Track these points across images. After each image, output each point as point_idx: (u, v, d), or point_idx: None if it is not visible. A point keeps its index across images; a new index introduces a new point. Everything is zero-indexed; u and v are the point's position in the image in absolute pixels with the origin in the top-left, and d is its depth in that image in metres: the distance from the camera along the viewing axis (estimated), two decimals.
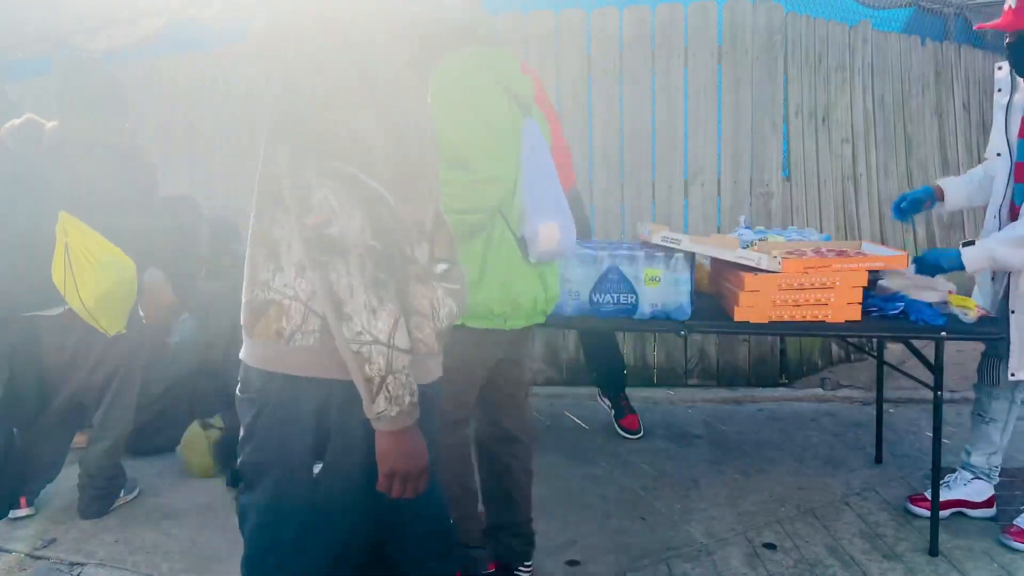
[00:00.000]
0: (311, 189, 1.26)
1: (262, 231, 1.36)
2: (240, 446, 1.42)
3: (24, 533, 2.81)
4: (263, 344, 1.36)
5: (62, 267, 2.62)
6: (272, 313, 1.34)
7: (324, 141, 1.26)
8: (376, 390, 1.26)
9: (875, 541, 2.64)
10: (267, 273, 1.35)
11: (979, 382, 2.75)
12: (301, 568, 1.40)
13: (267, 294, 1.35)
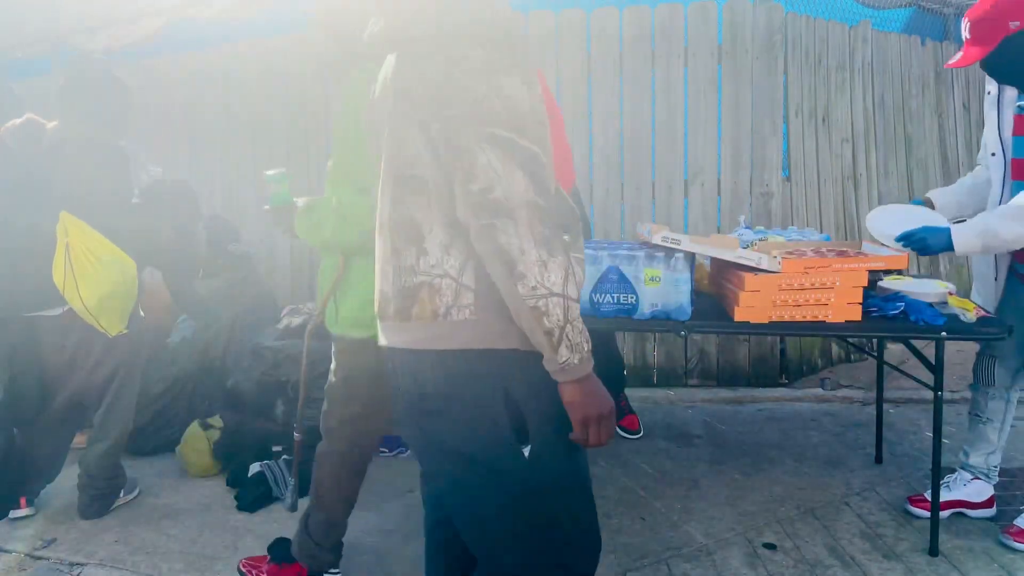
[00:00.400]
0: (474, 156, 1.30)
1: (401, 218, 1.41)
2: (425, 433, 1.47)
3: (24, 533, 2.81)
4: (423, 326, 1.41)
5: (63, 267, 2.62)
6: (425, 295, 1.40)
7: (482, 109, 1.30)
8: (557, 341, 1.30)
9: (875, 541, 2.64)
10: (411, 258, 1.41)
11: (975, 382, 2.74)
12: (579, 549, 1.45)
13: (415, 278, 1.40)
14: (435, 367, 1.41)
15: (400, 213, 1.42)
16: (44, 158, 2.71)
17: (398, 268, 1.43)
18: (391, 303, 1.45)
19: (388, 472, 3.27)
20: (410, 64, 1.38)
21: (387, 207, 1.44)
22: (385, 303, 1.47)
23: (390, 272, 1.45)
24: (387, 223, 1.45)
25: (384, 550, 2.66)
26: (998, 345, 2.59)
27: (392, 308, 1.45)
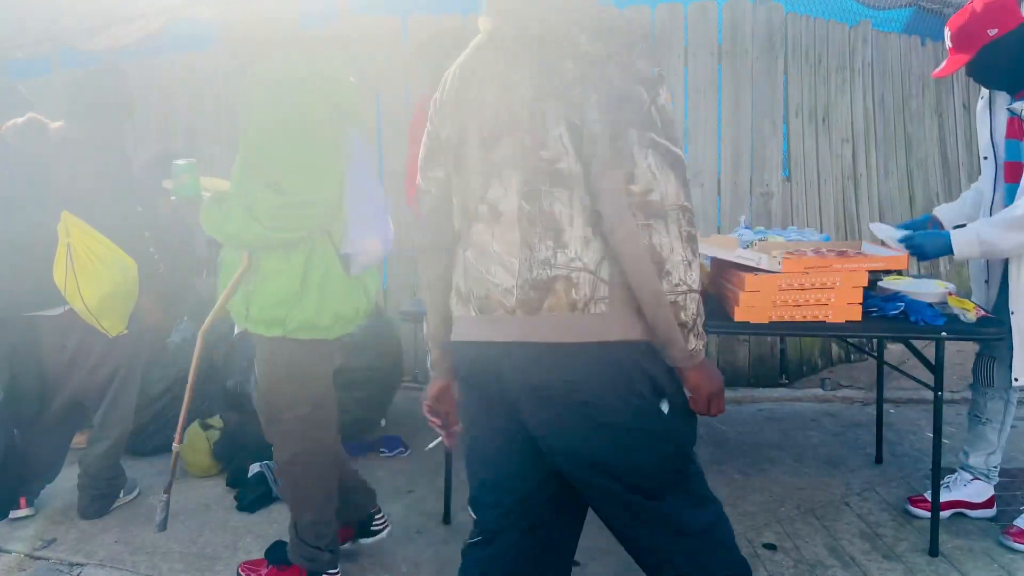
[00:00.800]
0: (636, 160, 1.38)
1: (537, 211, 1.45)
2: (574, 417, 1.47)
3: (24, 533, 2.81)
4: (558, 319, 1.45)
5: (64, 267, 2.62)
6: (561, 287, 1.44)
7: (645, 116, 1.40)
8: (689, 332, 1.44)
9: (875, 541, 2.64)
10: (547, 252, 1.45)
11: (974, 383, 2.75)
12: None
13: (550, 271, 1.45)
14: (577, 358, 1.45)
15: (537, 206, 1.46)
16: (46, 157, 2.71)
17: (529, 261, 1.46)
18: (511, 296, 1.47)
19: (388, 472, 3.27)
20: (549, 66, 1.44)
21: (515, 200, 1.47)
22: (501, 296, 1.49)
23: (515, 265, 1.47)
24: (515, 216, 1.47)
25: (384, 550, 2.66)
26: (997, 346, 2.59)
27: (513, 301, 1.47)
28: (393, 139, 4.39)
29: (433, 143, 1.66)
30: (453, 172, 1.60)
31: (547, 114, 1.44)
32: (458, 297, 1.59)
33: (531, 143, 1.45)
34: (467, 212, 1.56)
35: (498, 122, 1.50)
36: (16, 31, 5.66)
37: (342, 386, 3.46)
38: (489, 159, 1.51)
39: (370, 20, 4.44)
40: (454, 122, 1.58)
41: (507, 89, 1.49)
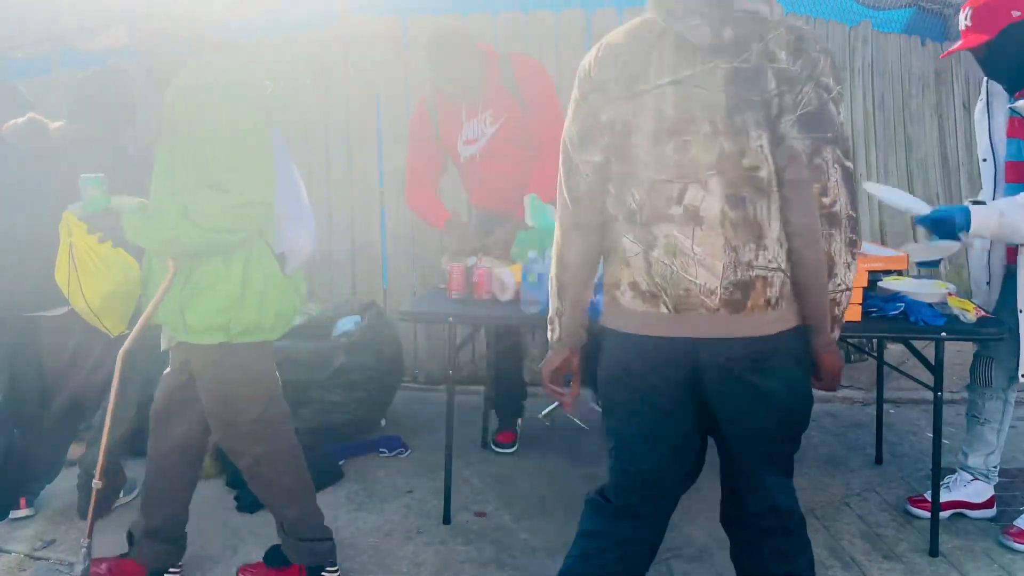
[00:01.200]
0: (829, 175, 1.55)
1: (741, 216, 1.56)
2: (760, 403, 1.65)
3: (24, 534, 2.80)
4: (759, 315, 1.60)
5: (66, 267, 2.61)
6: (759, 287, 1.58)
7: (838, 134, 1.57)
8: (834, 323, 1.64)
9: (875, 542, 2.64)
10: (750, 254, 1.57)
11: (972, 383, 2.74)
12: None
13: (751, 272, 1.58)
14: (768, 345, 1.62)
15: (741, 213, 1.56)
16: (46, 158, 2.71)
17: (734, 263, 1.57)
18: (714, 296, 1.58)
19: (388, 472, 3.27)
20: (749, 77, 1.53)
21: (718, 205, 1.56)
22: (704, 295, 1.58)
23: (718, 267, 1.57)
24: (718, 220, 1.56)
25: (384, 550, 2.66)
26: (995, 346, 2.59)
27: (717, 300, 1.58)
28: (393, 139, 4.39)
29: (590, 124, 1.67)
30: (616, 162, 1.64)
31: (749, 124, 1.53)
32: (636, 292, 1.64)
33: (731, 150, 1.54)
34: (640, 207, 1.61)
35: (684, 122, 1.56)
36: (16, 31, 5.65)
37: (342, 386, 3.48)
38: (677, 159, 1.57)
39: (370, 20, 4.43)
40: (622, 110, 1.61)
41: (698, 90, 1.55)
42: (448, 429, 2.80)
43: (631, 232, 1.63)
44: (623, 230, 1.64)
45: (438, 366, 4.38)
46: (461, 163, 3.21)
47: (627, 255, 1.64)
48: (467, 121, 3.13)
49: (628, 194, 1.62)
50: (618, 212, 1.65)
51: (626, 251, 1.64)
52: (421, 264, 4.48)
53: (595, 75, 1.66)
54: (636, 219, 1.62)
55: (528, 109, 3.07)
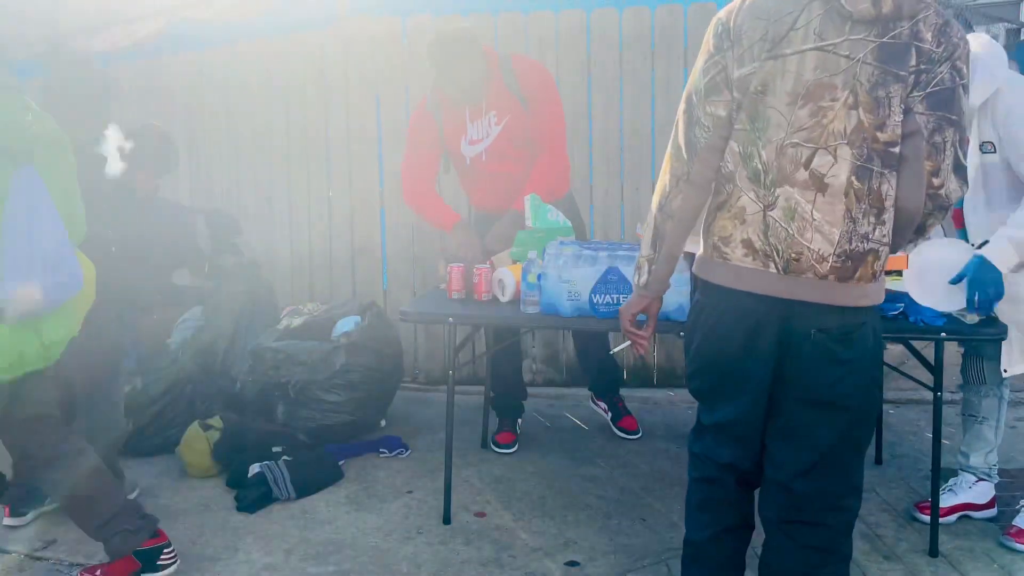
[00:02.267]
0: (945, 156, 1.61)
1: (867, 190, 1.60)
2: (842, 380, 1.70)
3: (24, 534, 2.80)
4: (863, 287, 1.66)
5: None
6: (870, 259, 1.64)
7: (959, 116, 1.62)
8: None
9: (875, 542, 2.64)
10: (868, 227, 1.62)
11: (965, 382, 2.75)
12: None
13: (866, 244, 1.63)
14: (865, 318, 1.70)
15: (867, 185, 1.60)
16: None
17: (850, 233, 1.61)
18: (825, 263, 1.63)
19: (388, 472, 3.27)
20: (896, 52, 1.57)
21: (845, 174, 1.59)
22: (816, 261, 1.63)
23: (835, 235, 1.61)
24: (843, 189, 1.60)
25: (384, 550, 2.66)
26: (983, 344, 2.60)
27: (827, 267, 1.63)
28: (393, 139, 4.39)
29: (719, 77, 1.69)
30: (746, 119, 1.65)
31: (893, 99, 1.57)
32: (748, 250, 1.68)
33: (869, 122, 1.58)
34: (767, 168, 1.63)
35: (823, 88, 1.58)
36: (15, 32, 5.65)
37: (342, 386, 3.48)
38: (811, 124, 1.59)
39: (370, 20, 4.43)
40: (761, 69, 1.62)
41: (843, 59, 1.57)
42: (448, 429, 2.80)
43: (753, 191, 1.66)
44: (744, 187, 1.67)
45: (438, 366, 4.38)
46: (466, 164, 3.21)
47: (745, 212, 1.67)
48: (471, 122, 3.13)
49: (755, 153, 1.64)
50: (739, 169, 1.67)
51: (745, 209, 1.67)
52: (421, 264, 4.48)
53: (736, 30, 1.67)
54: (761, 179, 1.65)
55: (530, 108, 3.08)
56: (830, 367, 1.69)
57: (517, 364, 3.60)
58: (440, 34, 3.00)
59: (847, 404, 1.73)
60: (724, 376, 1.78)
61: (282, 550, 2.66)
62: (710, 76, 1.70)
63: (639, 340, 1.97)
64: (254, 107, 4.77)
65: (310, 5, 4.65)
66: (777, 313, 1.68)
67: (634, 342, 1.99)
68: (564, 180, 3.28)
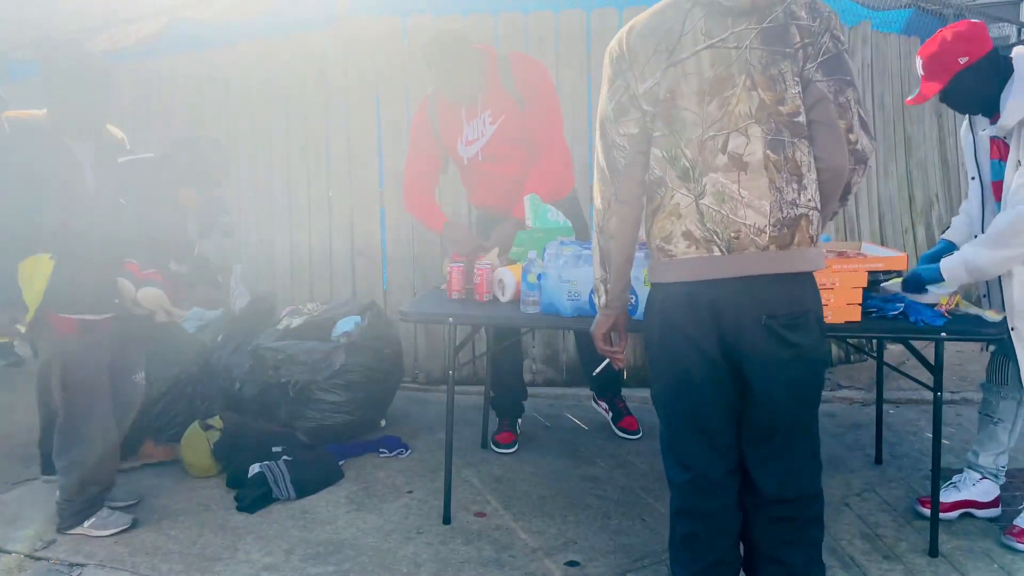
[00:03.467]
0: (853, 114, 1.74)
1: (783, 160, 1.71)
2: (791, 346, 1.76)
3: (24, 534, 2.80)
4: (803, 252, 1.75)
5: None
6: (803, 224, 1.74)
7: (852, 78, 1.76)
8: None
9: (875, 542, 2.64)
10: (793, 193, 1.72)
11: (987, 381, 2.75)
12: None
13: (796, 210, 1.72)
14: (807, 286, 1.79)
15: (782, 155, 1.71)
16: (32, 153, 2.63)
17: (779, 202, 1.71)
18: (763, 234, 1.72)
19: (388, 472, 3.27)
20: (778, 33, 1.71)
21: (760, 150, 1.70)
22: (754, 235, 1.71)
23: (765, 207, 1.71)
24: (762, 164, 1.71)
25: (384, 550, 2.66)
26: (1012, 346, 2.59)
27: (766, 239, 1.72)
28: (393, 139, 4.39)
29: (623, 98, 1.80)
30: (662, 127, 1.76)
31: (786, 74, 1.70)
32: (690, 241, 1.75)
33: (769, 99, 1.70)
34: (693, 164, 1.73)
35: (722, 81, 1.71)
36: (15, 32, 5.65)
37: (342, 386, 3.48)
38: (721, 114, 1.71)
39: (370, 20, 4.44)
40: (664, 78, 1.74)
41: (733, 51, 1.71)
42: (448, 429, 2.80)
43: (684, 187, 1.75)
44: (675, 186, 1.76)
45: (438, 366, 4.38)
46: (464, 164, 3.21)
47: (680, 207, 1.75)
48: (467, 122, 3.14)
49: (680, 153, 1.74)
50: (668, 172, 1.76)
51: (679, 204, 1.76)
52: (421, 264, 4.48)
53: (628, 53, 1.78)
54: (690, 175, 1.74)
55: (527, 107, 3.08)
56: (780, 349, 1.75)
57: (517, 364, 3.60)
58: (432, 36, 3.01)
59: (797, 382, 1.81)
60: (681, 371, 1.83)
61: (282, 550, 2.66)
62: (616, 100, 1.81)
63: (615, 356, 2.05)
64: (254, 107, 4.77)
65: (310, 5, 4.65)
66: (726, 300, 1.74)
67: (611, 359, 2.06)
68: (566, 178, 3.27)
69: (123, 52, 5.13)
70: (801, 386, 1.82)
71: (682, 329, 1.79)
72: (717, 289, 1.75)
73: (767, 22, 1.71)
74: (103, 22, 5.39)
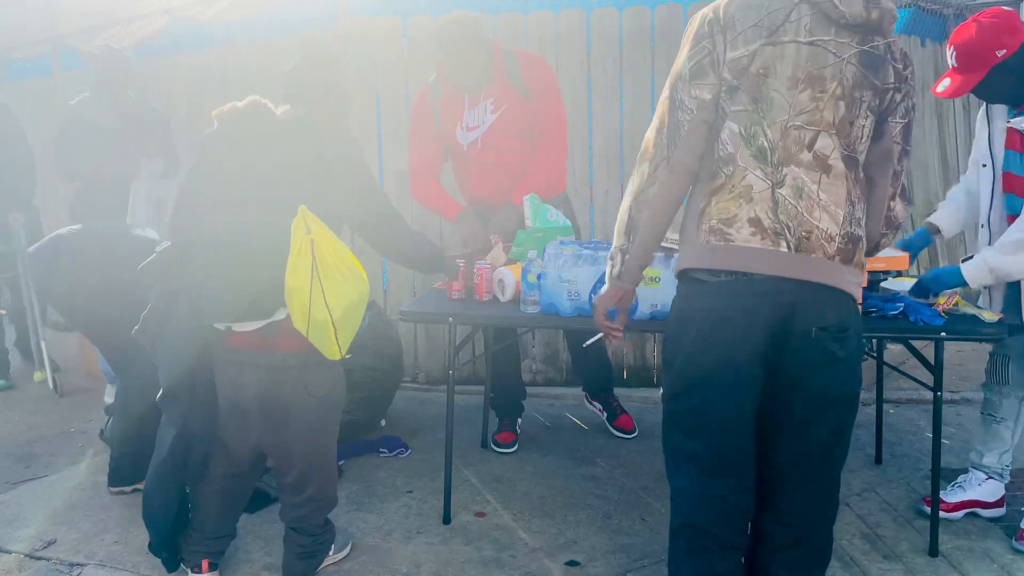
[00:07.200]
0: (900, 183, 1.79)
1: (856, 179, 1.69)
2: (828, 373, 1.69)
3: (24, 534, 2.80)
4: (857, 273, 1.70)
5: (308, 268, 2.11)
6: (860, 245, 1.70)
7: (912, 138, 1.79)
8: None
9: (875, 542, 2.64)
10: (860, 213, 1.69)
11: (988, 382, 2.74)
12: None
13: (859, 230, 1.69)
14: (853, 309, 1.72)
15: (855, 173, 1.68)
16: (263, 145, 2.26)
17: (850, 216, 1.67)
18: (833, 243, 1.65)
19: (388, 472, 3.27)
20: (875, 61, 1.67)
21: (839, 158, 1.66)
22: (824, 240, 1.64)
23: (840, 216, 1.65)
24: (843, 171, 1.66)
25: (384, 550, 2.66)
26: (1012, 344, 2.59)
27: (835, 248, 1.65)
28: (393, 139, 4.39)
29: (704, 60, 1.69)
30: (745, 101, 1.66)
31: (864, 103, 1.66)
32: (757, 229, 1.64)
33: (846, 117, 1.65)
34: (773, 146, 1.64)
35: (816, 77, 1.64)
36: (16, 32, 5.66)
37: None
38: (812, 107, 1.64)
39: (370, 20, 4.44)
40: (762, 52, 1.65)
41: (832, 56, 1.64)
42: (448, 429, 2.80)
43: (760, 168, 1.65)
44: (749, 166, 1.65)
45: (438, 366, 4.38)
46: (463, 151, 3.19)
47: (752, 191, 1.65)
48: (469, 109, 3.12)
49: (760, 132, 1.65)
50: (741, 150, 1.66)
51: (752, 187, 1.65)
52: None
53: (727, 19, 1.67)
54: (768, 158, 1.64)
55: (532, 102, 3.08)
56: (827, 367, 1.68)
57: (517, 364, 3.60)
58: (447, 19, 2.99)
59: (840, 400, 1.74)
60: (722, 386, 1.69)
61: (282, 550, 2.66)
62: (695, 61, 1.70)
63: (613, 332, 1.93)
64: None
65: (310, 5, 4.66)
66: (785, 301, 1.64)
67: (607, 334, 1.95)
68: (562, 176, 3.27)
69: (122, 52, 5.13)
70: (840, 406, 1.74)
71: (735, 327, 1.65)
72: (779, 287, 1.63)
73: (868, 46, 1.66)
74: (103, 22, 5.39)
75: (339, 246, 2.19)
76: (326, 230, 2.15)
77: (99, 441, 3.53)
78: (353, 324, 2.29)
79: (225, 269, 2.17)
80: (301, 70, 2.37)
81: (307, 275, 2.11)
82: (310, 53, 2.39)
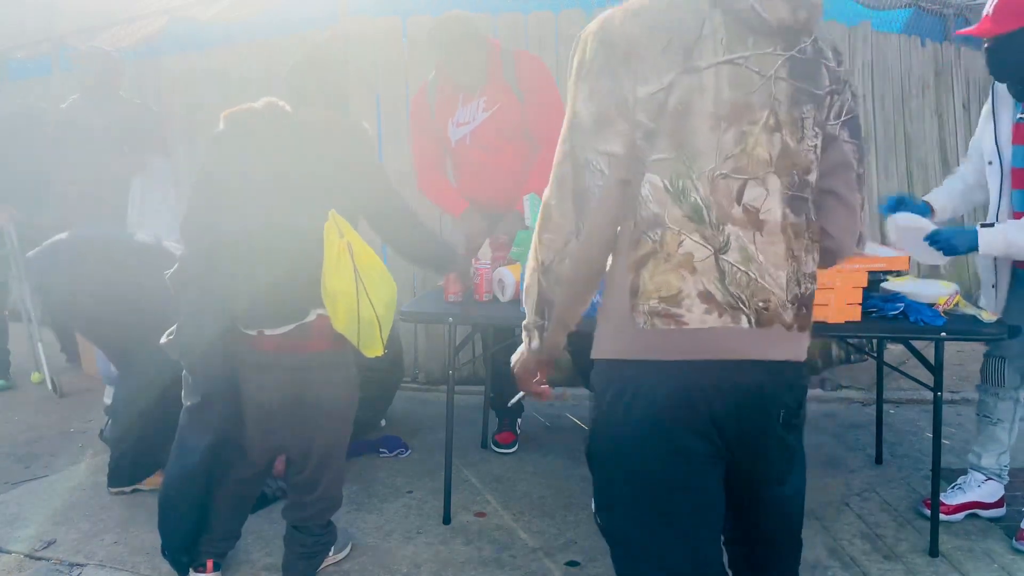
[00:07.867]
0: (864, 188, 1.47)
1: (804, 224, 1.36)
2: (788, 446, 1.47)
3: (24, 534, 2.80)
4: (806, 337, 1.41)
5: (350, 270, 2.14)
6: (811, 304, 1.41)
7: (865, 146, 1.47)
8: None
9: (875, 542, 2.64)
10: (812, 266, 1.39)
11: (983, 383, 2.74)
12: None
13: (812, 286, 1.40)
14: (803, 377, 1.44)
15: (804, 218, 1.36)
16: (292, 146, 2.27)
17: (796, 275, 1.35)
18: (786, 311, 1.34)
19: (388, 472, 3.27)
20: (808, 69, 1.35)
21: (779, 208, 1.32)
22: (776, 310, 1.34)
23: (782, 278, 1.33)
24: (779, 225, 1.33)
25: (384, 550, 2.66)
26: (1007, 345, 2.59)
27: (789, 316, 1.35)
28: (393, 139, 4.39)
29: (611, 105, 1.32)
30: (666, 148, 1.29)
31: (808, 121, 1.34)
32: (710, 305, 1.31)
33: (793, 147, 1.33)
34: (707, 203, 1.30)
35: (741, 109, 1.30)
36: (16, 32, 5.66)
37: None
38: (737, 150, 1.30)
39: (370, 20, 4.44)
40: (678, 84, 1.28)
41: (756, 75, 1.30)
42: (448, 429, 2.80)
43: (698, 232, 1.30)
44: (685, 229, 1.30)
45: (438, 366, 4.38)
46: (452, 147, 3.19)
47: (694, 260, 1.30)
48: (462, 105, 3.13)
49: (691, 186, 1.29)
50: (670, 209, 1.30)
51: (692, 255, 1.30)
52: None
53: (625, 43, 1.30)
54: (704, 217, 1.30)
55: (528, 104, 3.07)
56: (782, 458, 1.47)
57: None
58: (442, 17, 3.00)
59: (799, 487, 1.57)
60: (671, 497, 1.42)
61: (282, 550, 2.66)
62: (598, 105, 1.34)
63: (542, 395, 1.72)
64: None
65: (310, 5, 4.66)
66: (750, 389, 1.35)
67: (536, 396, 1.73)
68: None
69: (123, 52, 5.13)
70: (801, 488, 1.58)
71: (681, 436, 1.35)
72: (744, 374, 1.34)
73: (795, 51, 1.32)
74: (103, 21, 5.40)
75: (368, 247, 2.21)
76: (355, 232, 2.17)
77: (99, 441, 3.53)
78: (390, 319, 2.34)
79: (257, 274, 2.17)
80: (301, 70, 2.36)
81: (350, 277, 2.14)
82: (311, 53, 2.39)
